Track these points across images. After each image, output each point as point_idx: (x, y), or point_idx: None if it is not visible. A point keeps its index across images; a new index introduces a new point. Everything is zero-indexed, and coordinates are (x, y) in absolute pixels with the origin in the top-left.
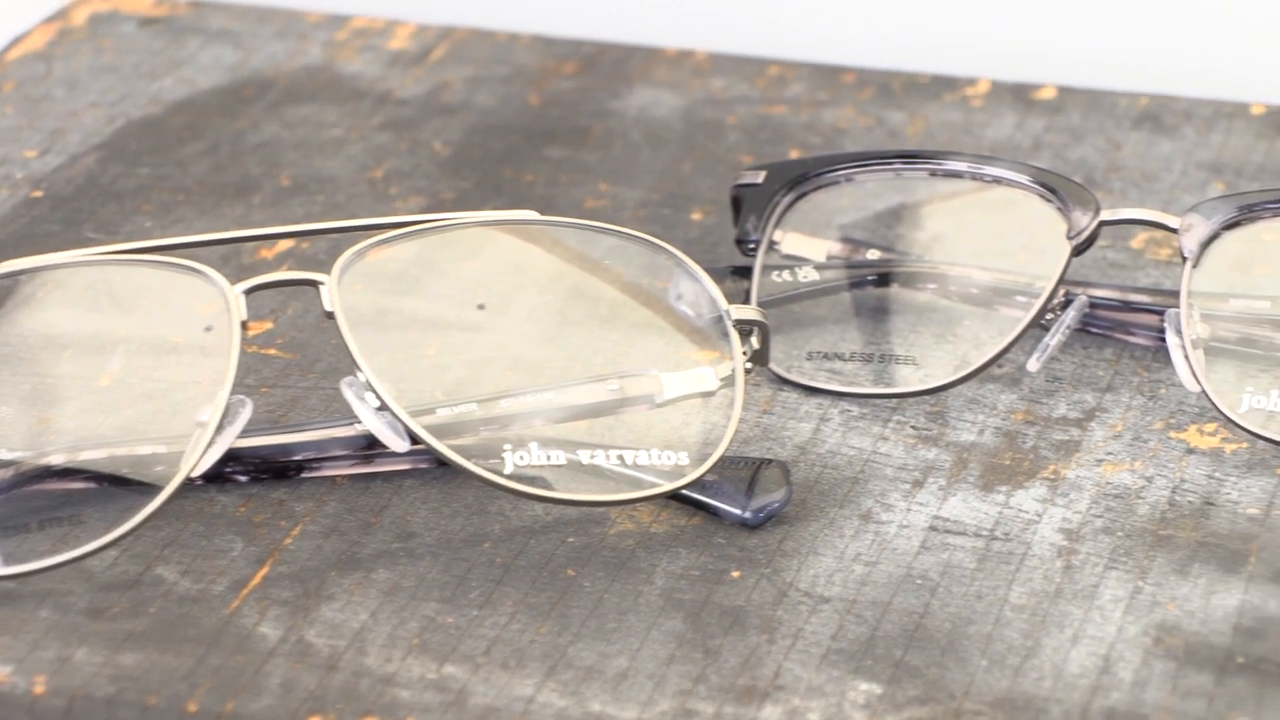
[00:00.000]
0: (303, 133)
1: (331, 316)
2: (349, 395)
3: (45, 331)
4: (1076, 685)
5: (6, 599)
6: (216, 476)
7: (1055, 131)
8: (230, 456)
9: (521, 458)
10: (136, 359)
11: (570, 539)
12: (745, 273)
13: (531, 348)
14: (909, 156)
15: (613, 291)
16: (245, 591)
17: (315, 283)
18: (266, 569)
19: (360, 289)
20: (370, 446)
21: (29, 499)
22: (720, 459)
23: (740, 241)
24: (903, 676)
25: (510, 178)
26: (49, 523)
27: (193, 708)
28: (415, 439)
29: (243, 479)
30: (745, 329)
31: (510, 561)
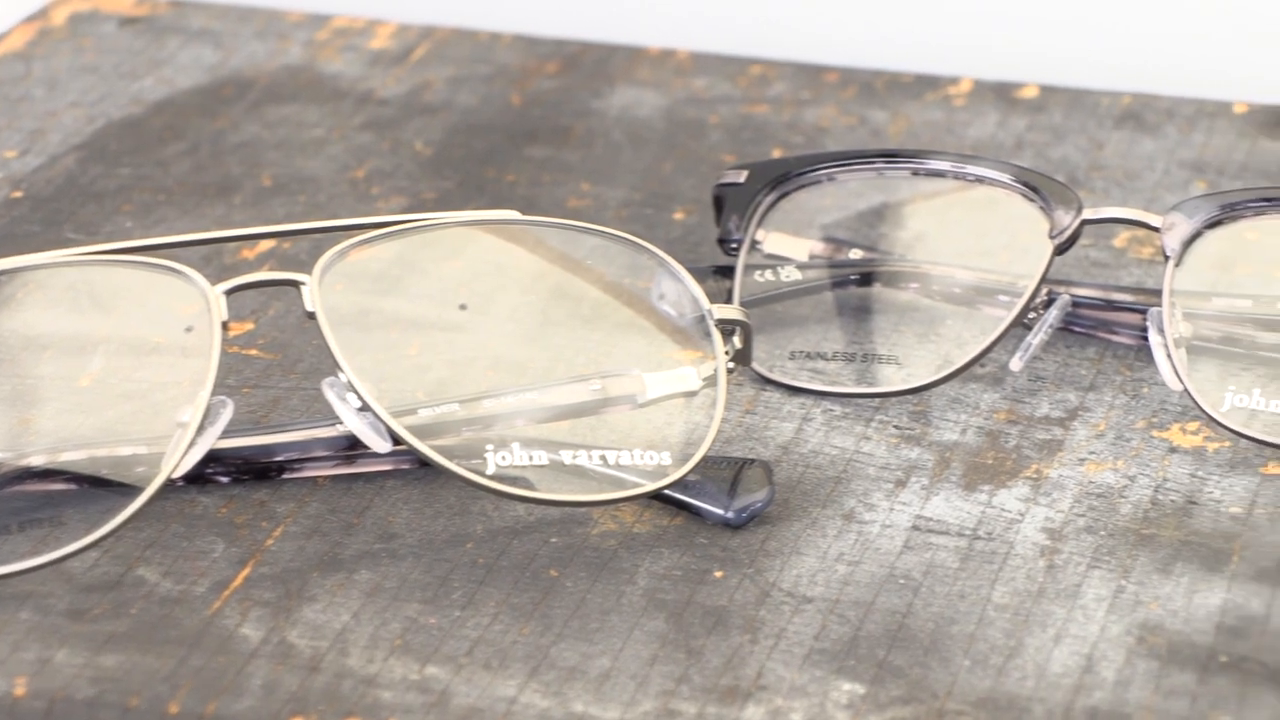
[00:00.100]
0: (284, 133)
1: (313, 317)
2: (330, 396)
3: (25, 332)
4: (1059, 685)
5: None
6: (198, 477)
7: (1037, 130)
8: (211, 457)
9: (504, 458)
10: (117, 360)
11: (553, 539)
12: (727, 272)
13: (514, 348)
14: (891, 156)
15: (595, 291)
16: (227, 593)
17: (296, 283)
18: (248, 570)
19: (342, 289)
20: (352, 447)
21: (9, 500)
22: (703, 459)
23: (722, 241)
24: (886, 676)
25: (492, 177)
26: (29, 524)
27: (174, 709)
28: (397, 439)
29: (224, 480)
30: (728, 329)
31: (493, 562)
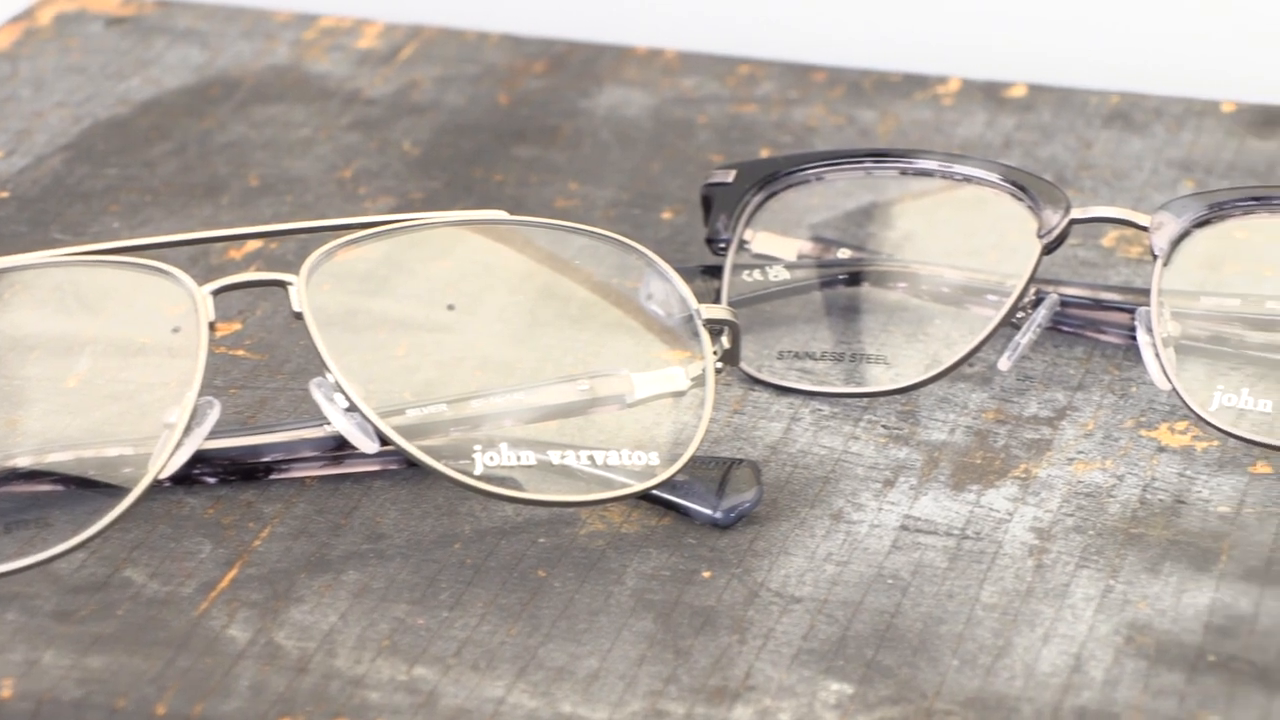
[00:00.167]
0: (271, 133)
1: (300, 317)
2: (318, 396)
3: (12, 333)
4: (1048, 684)
5: None
6: (185, 478)
7: (1026, 130)
8: (198, 458)
9: (492, 458)
10: (104, 360)
11: (541, 540)
12: (716, 272)
13: (501, 348)
14: (880, 155)
15: (583, 291)
16: (214, 594)
17: (283, 283)
18: (235, 571)
19: (329, 289)
20: (339, 448)
21: None
22: (691, 459)
23: (710, 241)
24: (874, 676)
25: (480, 177)
26: (16, 525)
27: (161, 710)
28: (385, 440)
29: (211, 481)
30: (716, 328)
31: (480, 562)
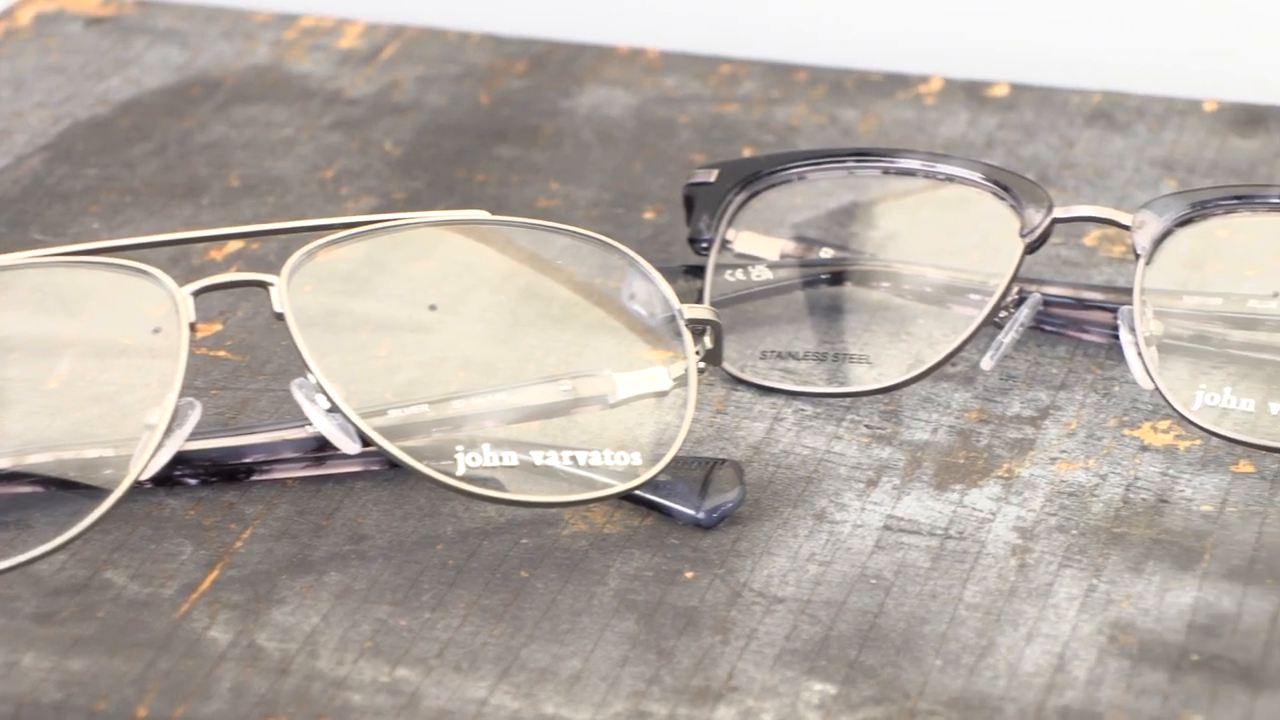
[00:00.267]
0: (252, 133)
1: (281, 318)
2: (299, 397)
3: None
4: (1031, 684)
5: None
6: (165, 480)
7: (1008, 129)
8: (179, 459)
9: (474, 459)
10: (84, 361)
11: (523, 540)
12: (698, 272)
13: (484, 348)
14: (862, 154)
15: (565, 291)
16: (195, 595)
17: (265, 284)
18: (216, 572)
19: (310, 290)
20: (321, 448)
21: None
22: (673, 459)
23: (693, 240)
24: (857, 676)
25: (462, 177)
26: None
27: (142, 713)
28: (366, 441)
29: (192, 482)
30: (698, 328)
31: (463, 563)
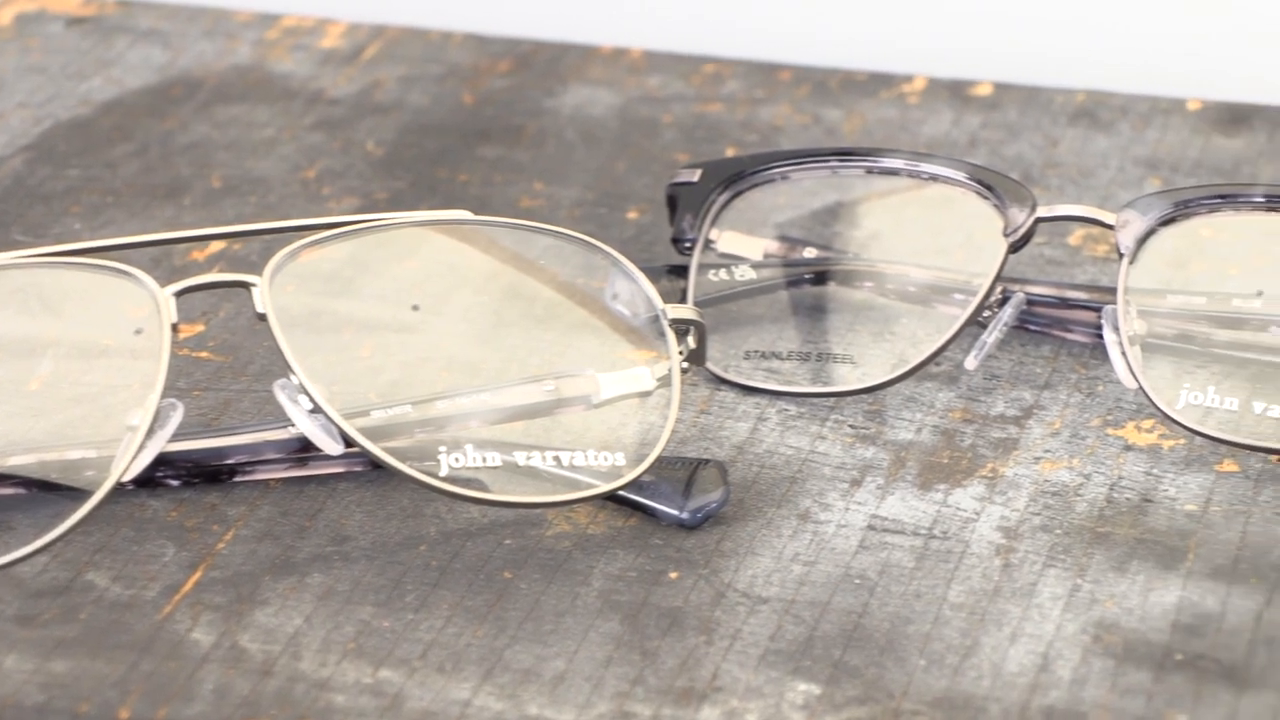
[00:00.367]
0: (234, 133)
1: (264, 318)
2: (282, 398)
3: None
4: (1015, 684)
5: None
6: (148, 481)
7: (992, 128)
8: (161, 461)
9: (457, 460)
10: (66, 363)
11: (507, 541)
12: (681, 272)
13: (467, 349)
14: (845, 154)
15: (548, 291)
16: (178, 597)
17: (247, 284)
18: (199, 574)
19: (293, 290)
20: (304, 449)
21: None
22: (657, 459)
23: (676, 240)
24: (841, 677)
25: (445, 177)
26: None
27: (125, 715)
28: (349, 442)
29: (174, 483)
30: (682, 328)
31: (446, 564)
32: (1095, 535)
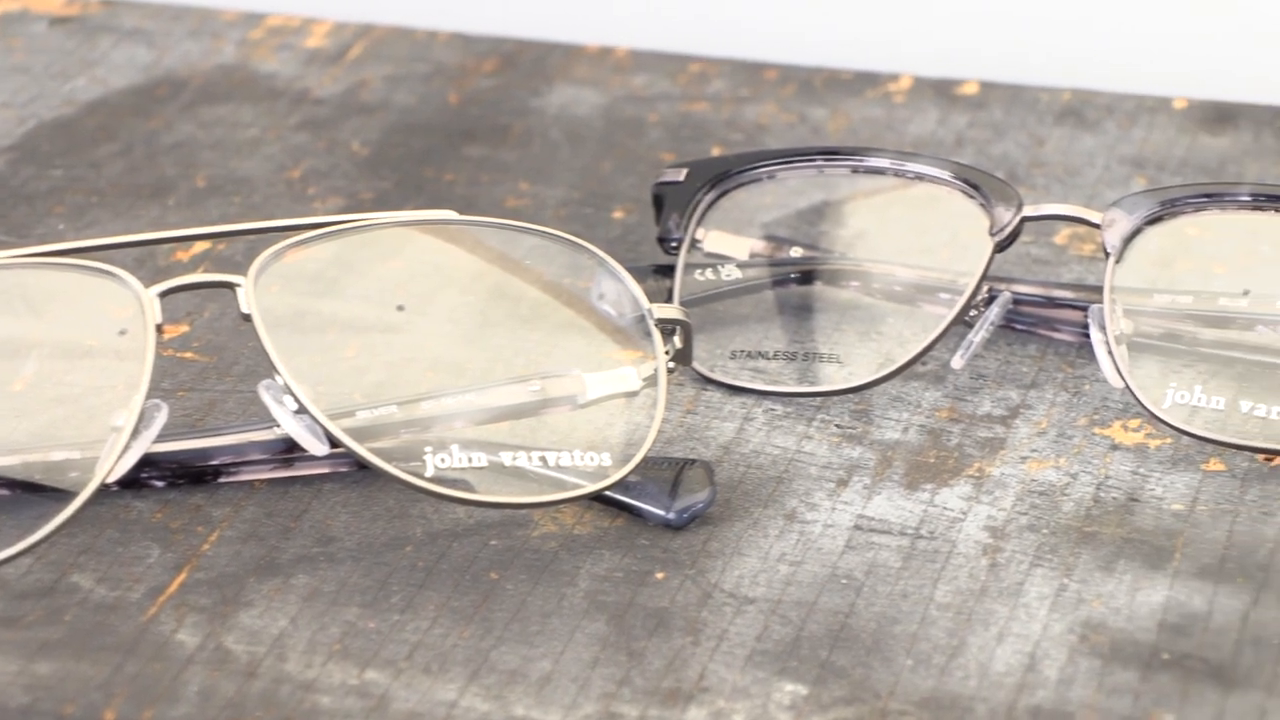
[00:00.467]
0: (218, 133)
1: (249, 319)
2: (267, 398)
3: None
4: (1002, 684)
5: None
6: (132, 482)
7: (978, 127)
8: (146, 462)
9: (443, 460)
10: (49, 363)
11: (493, 542)
12: (667, 271)
13: (452, 349)
14: (831, 153)
15: (534, 291)
16: (162, 598)
17: (231, 285)
18: (184, 575)
19: (278, 291)
20: (289, 450)
21: None
22: (643, 460)
23: (662, 240)
24: (828, 677)
25: (430, 177)
26: None
27: (110, 717)
28: (335, 442)
29: (159, 484)
30: (668, 328)
31: (432, 565)
32: (1082, 535)
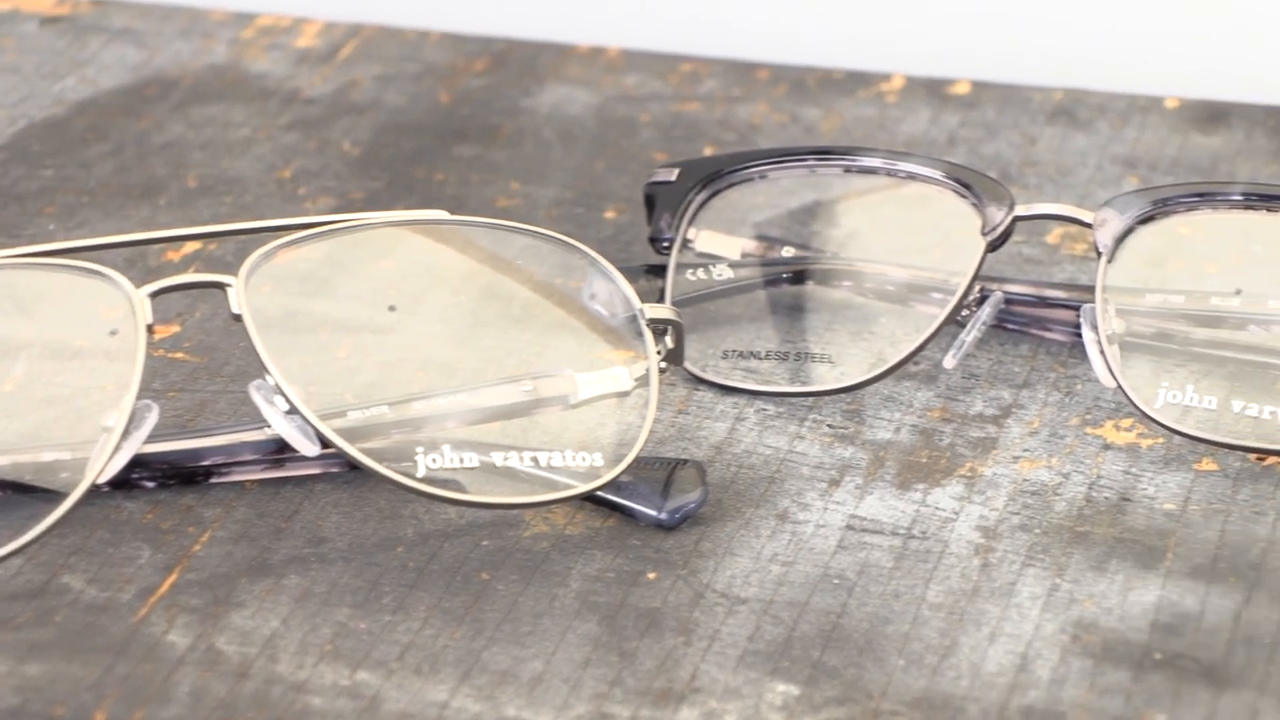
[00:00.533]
0: (209, 133)
1: (239, 319)
2: (258, 399)
3: None
4: (994, 684)
5: None
6: (123, 483)
7: (970, 127)
8: (137, 462)
9: (434, 460)
10: (40, 364)
11: (484, 542)
12: (659, 271)
13: (444, 349)
14: (823, 153)
15: (526, 291)
16: (153, 599)
17: (222, 285)
18: (175, 576)
19: (269, 291)
20: (280, 450)
21: None
22: (635, 460)
23: (654, 240)
24: (820, 677)
25: (421, 177)
26: None
27: (100, 718)
28: (326, 443)
29: (150, 485)
30: (659, 328)
31: (423, 566)
32: (1074, 534)
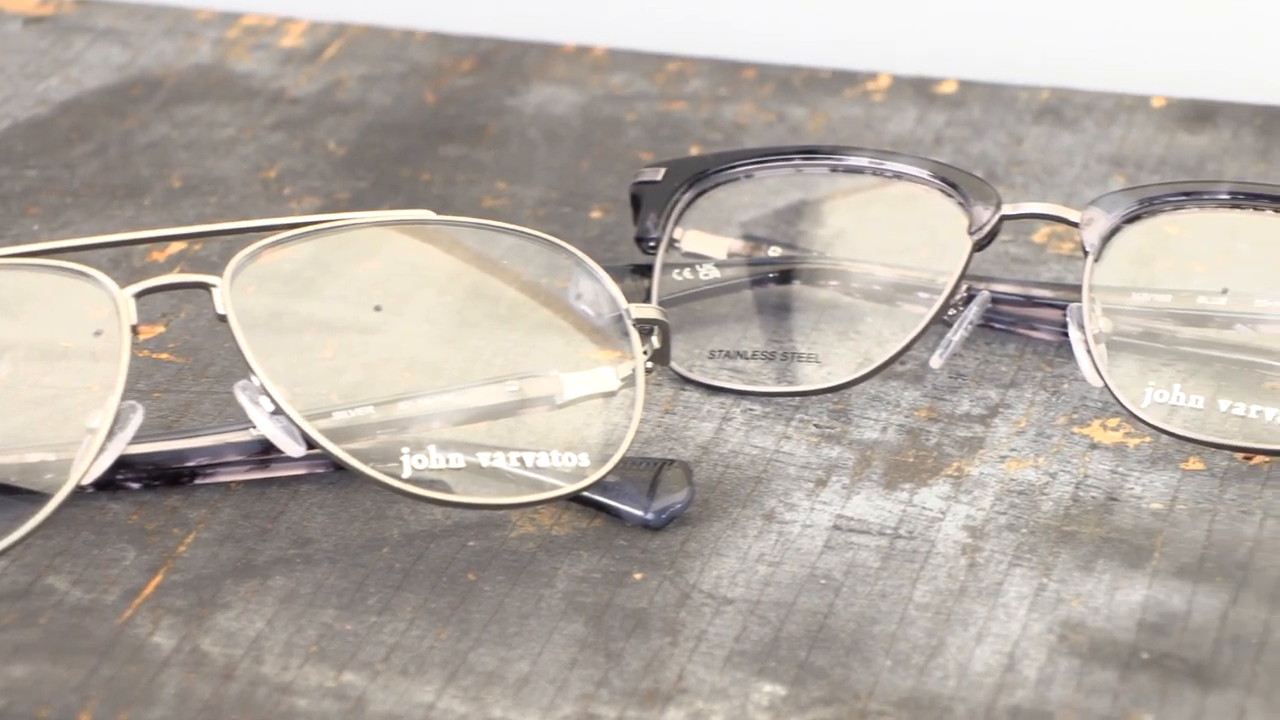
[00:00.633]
0: (194, 133)
1: (224, 319)
2: (243, 399)
3: None
4: (981, 684)
5: None
6: (108, 484)
7: (956, 126)
8: (122, 463)
9: (420, 461)
10: (24, 365)
11: (470, 543)
12: (645, 271)
13: (429, 349)
14: (810, 152)
15: (512, 291)
16: (138, 601)
17: (207, 285)
18: (160, 577)
19: (254, 291)
20: (265, 451)
21: None
22: (621, 460)
23: (640, 240)
24: (807, 677)
25: (407, 177)
26: None
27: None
28: (311, 443)
29: (135, 486)
30: (646, 328)
31: (409, 566)
32: (1061, 534)
